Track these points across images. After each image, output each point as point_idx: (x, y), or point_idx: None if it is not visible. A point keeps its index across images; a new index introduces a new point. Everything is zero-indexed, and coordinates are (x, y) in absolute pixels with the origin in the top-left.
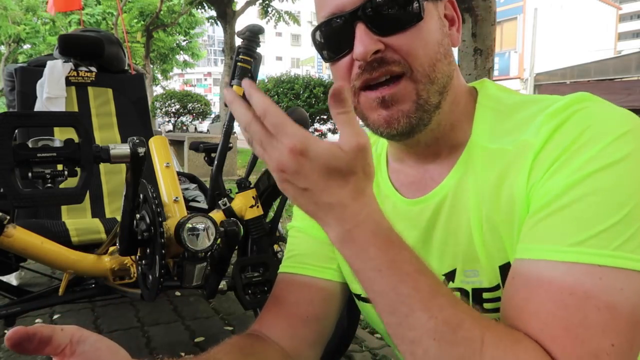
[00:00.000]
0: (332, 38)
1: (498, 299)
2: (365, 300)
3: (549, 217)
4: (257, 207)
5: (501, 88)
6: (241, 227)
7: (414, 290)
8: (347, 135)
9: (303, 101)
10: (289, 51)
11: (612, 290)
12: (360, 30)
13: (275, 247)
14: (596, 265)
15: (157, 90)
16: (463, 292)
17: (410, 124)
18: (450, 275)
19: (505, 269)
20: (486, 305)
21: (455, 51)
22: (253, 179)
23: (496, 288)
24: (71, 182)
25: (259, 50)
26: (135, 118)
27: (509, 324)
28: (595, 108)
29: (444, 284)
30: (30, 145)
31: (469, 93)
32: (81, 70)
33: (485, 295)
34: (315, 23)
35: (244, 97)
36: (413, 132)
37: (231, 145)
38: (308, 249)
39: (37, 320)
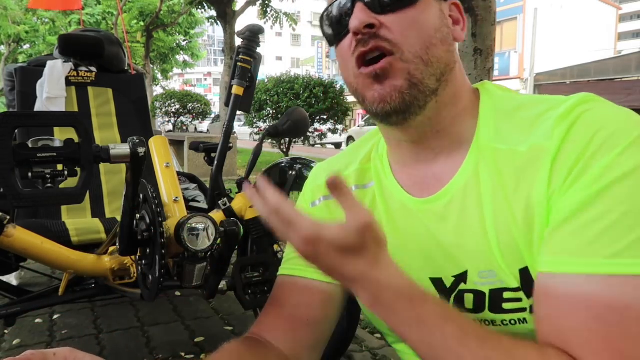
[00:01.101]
0: (335, 20)
1: (519, 300)
2: None
3: (578, 229)
4: None
5: (502, 88)
6: (241, 227)
7: (443, 338)
8: (352, 216)
9: (303, 101)
10: (289, 51)
11: None
12: (358, 7)
13: (275, 247)
14: (631, 275)
15: (157, 90)
16: (478, 294)
17: (404, 101)
18: (462, 277)
19: (524, 274)
20: (505, 306)
21: None
22: (253, 179)
23: (517, 290)
24: (71, 182)
25: (259, 50)
26: (135, 118)
27: (548, 344)
28: (601, 109)
29: (471, 322)
30: (30, 145)
31: (472, 92)
32: (81, 70)
33: (507, 295)
34: (316, 23)
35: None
36: (408, 112)
37: (231, 145)
38: None
39: (37, 320)
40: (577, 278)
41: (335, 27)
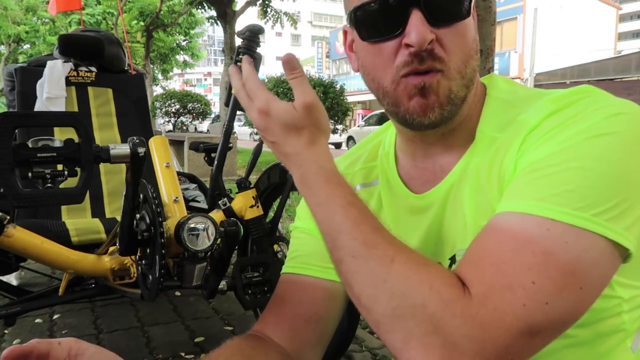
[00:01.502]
0: (382, 18)
1: None
2: None
3: (524, 176)
4: (257, 207)
5: (510, 81)
6: (241, 227)
7: (343, 218)
8: (298, 95)
9: None
10: (289, 51)
11: (555, 240)
12: (417, 16)
13: (275, 247)
14: (549, 218)
15: (157, 90)
16: None
17: (442, 116)
18: (454, 259)
19: None
20: None
21: None
22: (253, 179)
23: None
24: (71, 182)
25: (259, 50)
26: (135, 118)
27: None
28: (597, 97)
29: (372, 215)
30: (30, 145)
31: (482, 86)
32: (81, 70)
33: None
34: (316, 23)
35: None
36: (442, 124)
37: (231, 145)
38: (311, 249)
39: (37, 320)
40: (501, 215)
41: (377, 27)
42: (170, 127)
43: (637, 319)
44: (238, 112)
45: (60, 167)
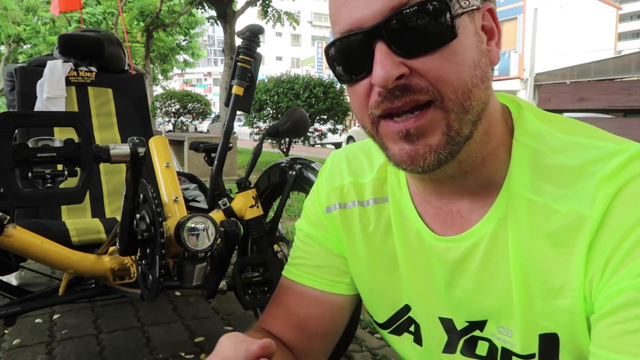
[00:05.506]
0: (349, 57)
1: None
2: (385, 327)
3: (630, 324)
4: (257, 207)
5: (542, 117)
6: (241, 227)
7: None
8: None
9: (303, 101)
10: (289, 51)
11: None
12: (381, 51)
13: (275, 247)
14: None
15: (157, 90)
16: (492, 346)
17: (439, 161)
18: (479, 325)
19: (546, 339)
20: None
21: None
22: (253, 179)
23: (530, 357)
24: (71, 182)
25: (259, 50)
26: (135, 118)
27: None
28: None
29: None
30: (30, 145)
31: (503, 119)
32: (81, 70)
33: (514, 359)
34: (316, 23)
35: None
36: (439, 167)
37: (231, 145)
38: (321, 260)
39: (37, 320)
40: None
41: (347, 68)
42: (170, 127)
43: None
44: (238, 112)
45: (60, 167)
